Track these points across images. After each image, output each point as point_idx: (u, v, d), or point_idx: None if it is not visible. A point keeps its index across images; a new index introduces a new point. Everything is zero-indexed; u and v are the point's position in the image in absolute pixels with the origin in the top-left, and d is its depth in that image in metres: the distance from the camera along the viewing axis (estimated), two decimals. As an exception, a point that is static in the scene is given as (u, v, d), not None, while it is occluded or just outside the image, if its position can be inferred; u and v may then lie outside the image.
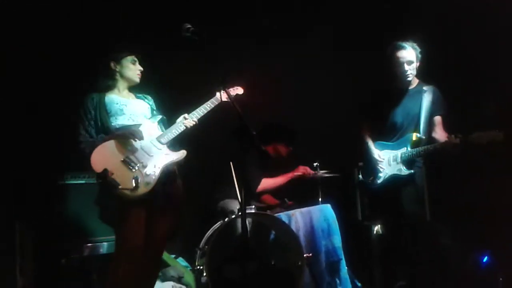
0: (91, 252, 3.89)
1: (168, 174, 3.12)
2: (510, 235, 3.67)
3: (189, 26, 2.81)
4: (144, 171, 2.97)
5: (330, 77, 4.82)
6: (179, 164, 3.22)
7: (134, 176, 2.93)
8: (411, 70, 3.77)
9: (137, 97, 3.33)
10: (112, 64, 3.20)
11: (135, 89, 3.34)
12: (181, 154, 3.15)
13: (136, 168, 2.96)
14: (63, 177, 3.89)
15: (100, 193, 3.05)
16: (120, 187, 2.86)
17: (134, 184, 2.89)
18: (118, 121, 3.12)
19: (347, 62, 4.81)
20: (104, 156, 2.95)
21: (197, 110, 3.29)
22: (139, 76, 3.26)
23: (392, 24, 4.61)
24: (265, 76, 4.57)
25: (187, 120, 3.21)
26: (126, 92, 3.28)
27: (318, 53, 4.88)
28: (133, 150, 3.02)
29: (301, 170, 4.32)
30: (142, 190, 2.92)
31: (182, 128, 3.18)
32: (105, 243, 3.87)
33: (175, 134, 3.17)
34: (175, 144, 3.22)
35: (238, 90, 3.58)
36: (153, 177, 2.98)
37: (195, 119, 3.24)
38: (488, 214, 3.95)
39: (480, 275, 3.79)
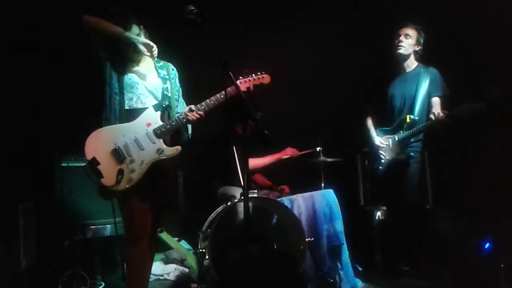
0: (94, 234, 3.93)
1: (161, 170, 2.98)
2: (512, 221, 3.68)
3: (192, 8, 2.69)
4: (131, 166, 2.87)
5: (333, 61, 4.78)
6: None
7: (119, 169, 2.85)
8: (405, 43, 3.78)
9: (158, 66, 3.10)
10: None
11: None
12: (175, 150, 2.97)
13: (123, 161, 2.87)
14: (66, 159, 3.91)
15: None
16: (101, 179, 2.82)
17: (115, 181, 2.82)
18: (127, 102, 2.96)
19: (351, 47, 4.78)
20: (96, 143, 2.87)
21: (207, 101, 3.01)
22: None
23: (398, 9, 4.55)
24: (267, 60, 4.52)
25: (193, 113, 2.98)
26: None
27: (321, 37, 4.84)
28: (126, 140, 2.90)
29: (289, 152, 4.29)
30: (123, 185, 2.84)
31: (184, 122, 2.99)
32: (108, 226, 3.91)
33: (175, 128, 2.99)
34: (173, 134, 3.05)
35: (264, 80, 3.19)
36: (137, 174, 2.87)
37: (202, 112, 2.98)
38: (490, 200, 3.94)
39: (481, 261, 3.79)
